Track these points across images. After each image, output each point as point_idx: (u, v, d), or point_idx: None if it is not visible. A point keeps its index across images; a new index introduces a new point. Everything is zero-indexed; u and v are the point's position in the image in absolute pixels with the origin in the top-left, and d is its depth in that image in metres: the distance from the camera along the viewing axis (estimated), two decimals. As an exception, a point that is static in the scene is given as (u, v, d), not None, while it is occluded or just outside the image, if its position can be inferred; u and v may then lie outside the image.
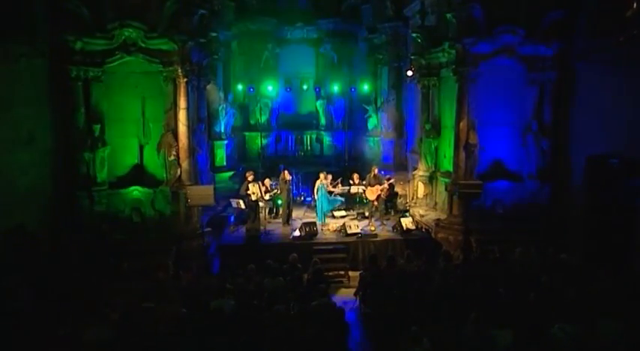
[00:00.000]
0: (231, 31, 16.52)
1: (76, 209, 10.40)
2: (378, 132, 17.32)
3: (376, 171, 12.52)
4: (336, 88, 17.25)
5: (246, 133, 17.93)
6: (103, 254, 9.34)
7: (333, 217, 13.13)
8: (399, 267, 8.81)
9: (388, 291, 7.58)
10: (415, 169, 14.23)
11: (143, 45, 10.34)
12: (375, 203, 12.33)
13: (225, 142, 15.81)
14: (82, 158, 10.36)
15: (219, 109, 15.49)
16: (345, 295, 9.90)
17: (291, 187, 12.91)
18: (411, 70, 14.10)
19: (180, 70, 10.50)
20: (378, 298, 7.41)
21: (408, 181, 14.14)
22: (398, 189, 14.58)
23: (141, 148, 11.00)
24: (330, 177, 13.66)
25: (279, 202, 13.07)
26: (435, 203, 13.14)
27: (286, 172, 12.47)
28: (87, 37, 10.00)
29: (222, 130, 15.68)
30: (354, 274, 10.58)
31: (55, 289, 7.38)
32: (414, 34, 13.40)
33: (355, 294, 8.89)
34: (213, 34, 12.46)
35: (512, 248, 9.72)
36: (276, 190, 12.91)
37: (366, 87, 17.28)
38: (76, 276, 8.10)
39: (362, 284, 8.56)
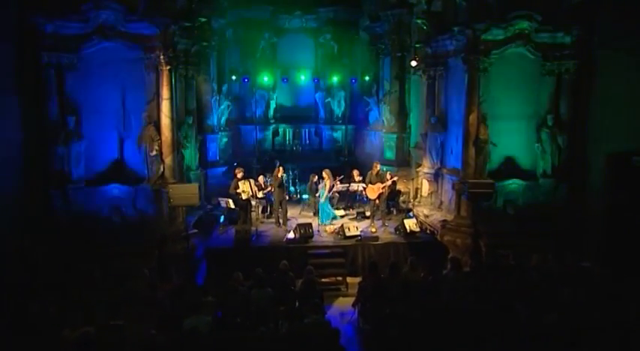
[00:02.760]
0: (225, 19, 15.64)
1: (48, 209, 9.56)
2: (380, 126, 16.54)
3: (378, 168, 11.59)
4: (335, 79, 16.57)
5: (242, 127, 17.23)
6: (76, 259, 8.47)
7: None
8: (402, 276, 7.95)
9: (390, 306, 6.70)
10: (419, 165, 13.40)
11: (122, 29, 9.52)
12: (377, 202, 11.43)
13: (219, 135, 14.98)
14: (55, 153, 9.55)
15: (212, 101, 14.61)
16: (342, 304, 9.08)
17: (286, 184, 11.98)
18: (415, 60, 13.44)
19: (162, 57, 9.64)
20: (379, 315, 6.55)
21: (412, 179, 13.25)
22: (400, 186, 13.73)
23: (121, 141, 10.18)
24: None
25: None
26: (441, 202, 12.27)
27: (281, 168, 11.55)
28: (59, 19, 9.15)
29: (216, 124, 14.87)
30: (352, 281, 9.80)
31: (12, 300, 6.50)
32: (419, 21, 12.51)
33: (353, 305, 8.04)
34: (203, 20, 11.54)
35: (527, 253, 8.93)
36: (270, 188, 12.04)
37: (367, 78, 16.58)
38: (40, 284, 7.21)
39: (361, 295, 7.71)
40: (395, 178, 12.12)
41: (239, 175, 11.01)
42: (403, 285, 7.51)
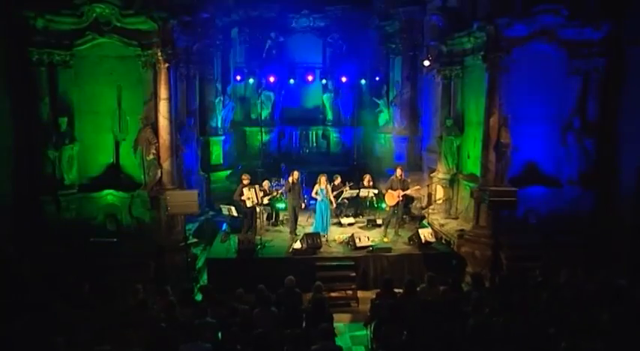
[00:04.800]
0: (230, 17, 15.10)
1: (38, 217, 8.99)
2: (390, 128, 15.99)
3: (400, 173, 10.85)
4: (344, 80, 16.08)
5: (247, 129, 16.75)
6: (66, 271, 7.85)
7: (340, 224, 11.58)
8: (419, 293, 7.24)
9: (408, 329, 6.00)
10: (432, 170, 12.72)
11: (118, 24, 8.94)
12: (395, 209, 10.68)
13: (223, 138, 14.49)
14: (47, 157, 9.00)
15: (216, 101, 14.03)
16: (352, 321, 8.38)
17: (301, 190, 11.21)
18: (428, 59, 12.87)
19: (160, 54, 9.04)
20: (396, 340, 5.84)
21: (428, 185, 12.56)
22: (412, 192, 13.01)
23: (116, 145, 9.62)
24: (338, 180, 12.19)
25: (281, 206, 11.54)
26: (457, 210, 11.56)
27: (296, 173, 10.82)
28: (50, 13, 8.61)
29: (220, 125, 14.35)
30: (363, 295, 9.14)
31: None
32: (434, 17, 11.88)
33: (366, 324, 7.33)
34: (205, 16, 10.94)
35: (553, 268, 8.22)
36: (275, 193, 11.40)
37: (377, 79, 16.04)
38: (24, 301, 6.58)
39: (374, 315, 6.99)
40: (418, 187, 11.42)
41: (245, 182, 10.37)
42: (421, 305, 6.80)
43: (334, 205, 11.09)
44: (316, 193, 10.53)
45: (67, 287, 7.18)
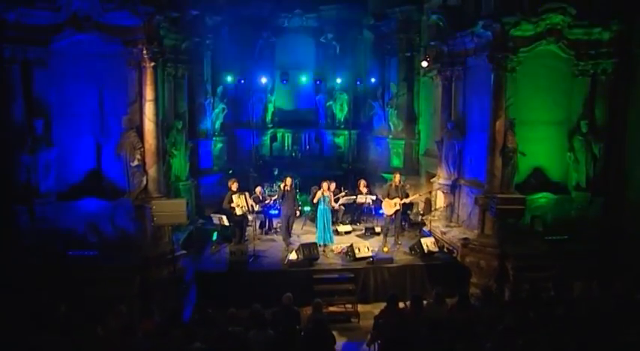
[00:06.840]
0: (221, 16, 14.51)
1: (11, 227, 8.34)
2: (386, 131, 15.50)
3: (399, 179, 10.31)
4: (338, 81, 15.74)
5: (238, 131, 16.10)
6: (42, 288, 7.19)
7: (337, 232, 11.03)
8: (426, 310, 6.72)
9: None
10: (430, 175, 12.38)
11: (99, 19, 8.33)
12: (393, 217, 10.14)
13: (213, 141, 13.85)
14: (21, 162, 8.35)
15: (206, 103, 13.44)
16: (353, 339, 7.83)
17: (295, 196, 10.65)
18: (426, 60, 12.45)
19: (145, 52, 8.43)
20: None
21: (430, 192, 12.07)
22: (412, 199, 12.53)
23: (98, 149, 8.98)
24: (333, 185, 11.64)
25: (274, 212, 10.99)
26: (458, 217, 11.08)
27: (288, 179, 10.24)
28: (24, 6, 7.96)
29: (210, 128, 13.74)
30: (363, 309, 8.66)
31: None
32: (434, 17, 11.43)
33: (368, 345, 6.81)
34: (194, 13, 10.34)
35: (564, 279, 7.81)
36: (269, 200, 10.84)
37: (372, 80, 15.59)
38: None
39: (378, 334, 6.47)
40: (418, 195, 10.95)
41: (233, 188, 9.78)
42: (430, 324, 6.27)
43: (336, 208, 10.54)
44: (317, 200, 9.94)
45: (41, 307, 6.51)
